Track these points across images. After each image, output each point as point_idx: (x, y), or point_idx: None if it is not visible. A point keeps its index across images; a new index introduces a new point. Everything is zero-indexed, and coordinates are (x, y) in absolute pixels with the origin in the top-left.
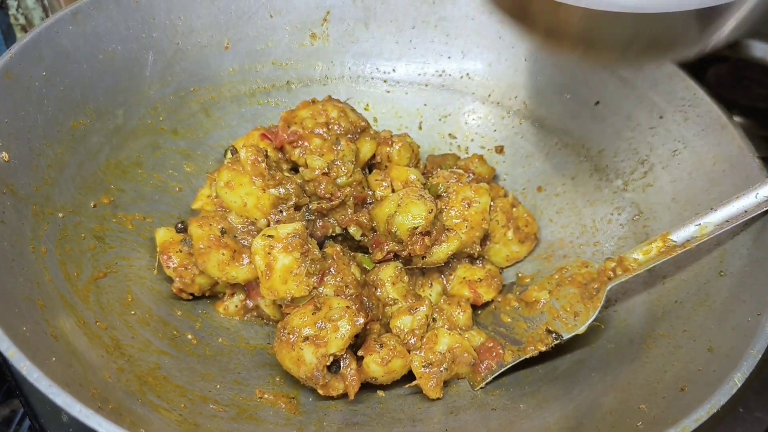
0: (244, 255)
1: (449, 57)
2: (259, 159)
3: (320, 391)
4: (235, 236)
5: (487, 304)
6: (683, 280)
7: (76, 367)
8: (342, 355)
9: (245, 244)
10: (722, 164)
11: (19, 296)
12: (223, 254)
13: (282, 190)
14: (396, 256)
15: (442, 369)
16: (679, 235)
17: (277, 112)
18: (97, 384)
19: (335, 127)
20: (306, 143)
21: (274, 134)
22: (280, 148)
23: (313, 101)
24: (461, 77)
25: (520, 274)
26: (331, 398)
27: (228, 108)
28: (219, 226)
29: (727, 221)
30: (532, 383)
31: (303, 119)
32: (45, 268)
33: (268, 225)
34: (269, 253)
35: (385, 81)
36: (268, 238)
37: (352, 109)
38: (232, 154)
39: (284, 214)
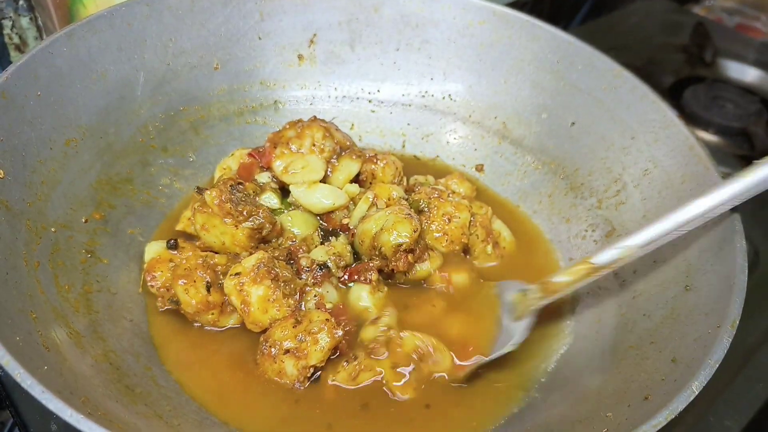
0: (231, 306)
1: (432, 78)
2: (224, 198)
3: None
4: (220, 284)
5: None
6: (652, 294)
7: (67, 377)
8: (323, 366)
9: None
10: (690, 183)
11: (12, 308)
12: (213, 314)
13: (254, 222)
14: (379, 271)
15: (410, 368)
16: (600, 258)
17: (264, 130)
18: (87, 393)
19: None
20: None
21: (261, 154)
22: (268, 168)
23: (299, 122)
24: (443, 98)
25: None
26: None
27: (217, 127)
28: (204, 281)
29: (649, 244)
30: None
31: (289, 139)
32: (38, 281)
33: None
34: (241, 290)
35: (369, 101)
36: (236, 276)
37: (337, 129)
38: (199, 195)
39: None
